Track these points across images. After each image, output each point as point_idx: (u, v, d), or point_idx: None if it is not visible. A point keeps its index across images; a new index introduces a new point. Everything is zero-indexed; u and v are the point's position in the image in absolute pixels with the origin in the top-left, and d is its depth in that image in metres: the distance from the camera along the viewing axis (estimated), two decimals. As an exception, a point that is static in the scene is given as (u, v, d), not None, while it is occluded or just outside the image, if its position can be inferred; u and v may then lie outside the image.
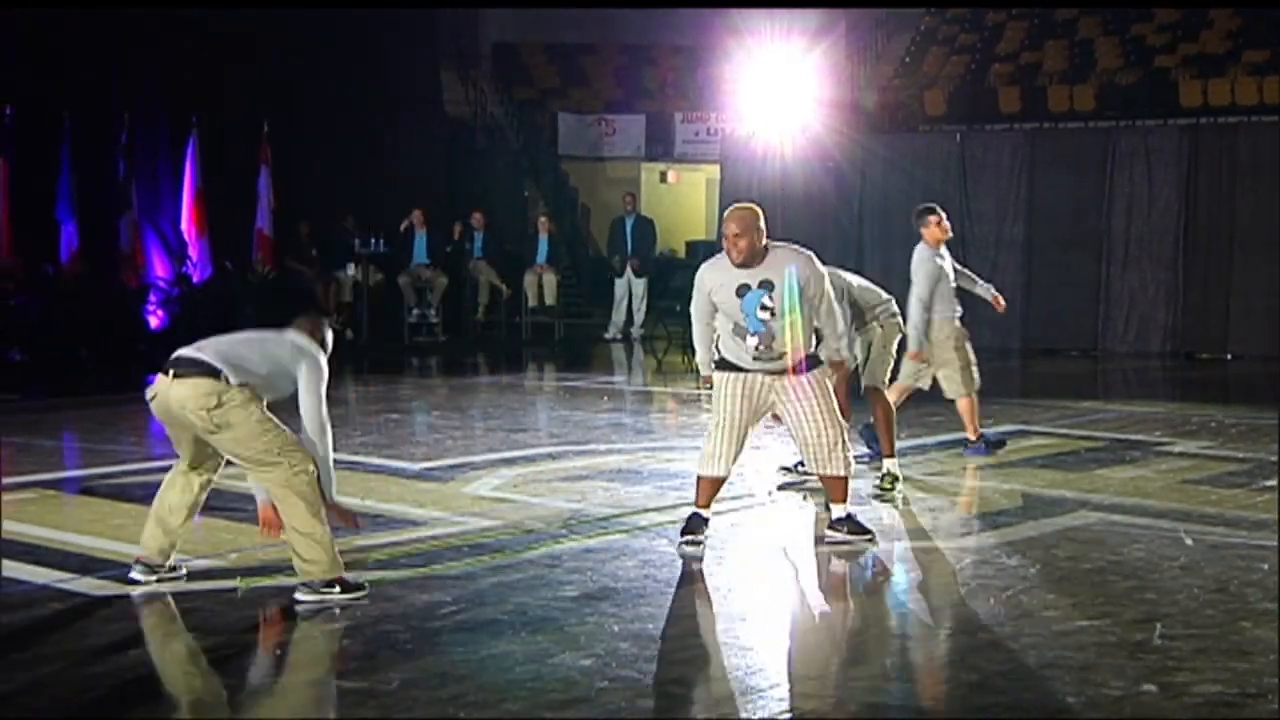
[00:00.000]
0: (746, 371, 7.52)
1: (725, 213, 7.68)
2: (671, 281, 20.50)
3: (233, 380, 6.33)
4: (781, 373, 7.51)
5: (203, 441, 6.53)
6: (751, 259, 7.44)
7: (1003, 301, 10.95)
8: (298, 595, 6.37)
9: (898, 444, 9.52)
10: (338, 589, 6.36)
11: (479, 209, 21.55)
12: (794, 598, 6.81)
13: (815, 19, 22.09)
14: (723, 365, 7.62)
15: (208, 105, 18.55)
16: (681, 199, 28.09)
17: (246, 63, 18.70)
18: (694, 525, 7.55)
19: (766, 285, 7.45)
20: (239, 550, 7.20)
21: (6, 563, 7.01)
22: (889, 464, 9.29)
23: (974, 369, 10.57)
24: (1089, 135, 20.76)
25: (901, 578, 7.14)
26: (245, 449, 6.36)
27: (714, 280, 7.56)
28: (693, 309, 7.77)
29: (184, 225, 18.94)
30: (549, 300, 21.63)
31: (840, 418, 7.70)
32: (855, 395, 9.56)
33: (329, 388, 6.54)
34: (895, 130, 23.30)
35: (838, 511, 7.69)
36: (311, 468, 6.37)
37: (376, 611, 6.28)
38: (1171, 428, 11.85)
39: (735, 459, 7.60)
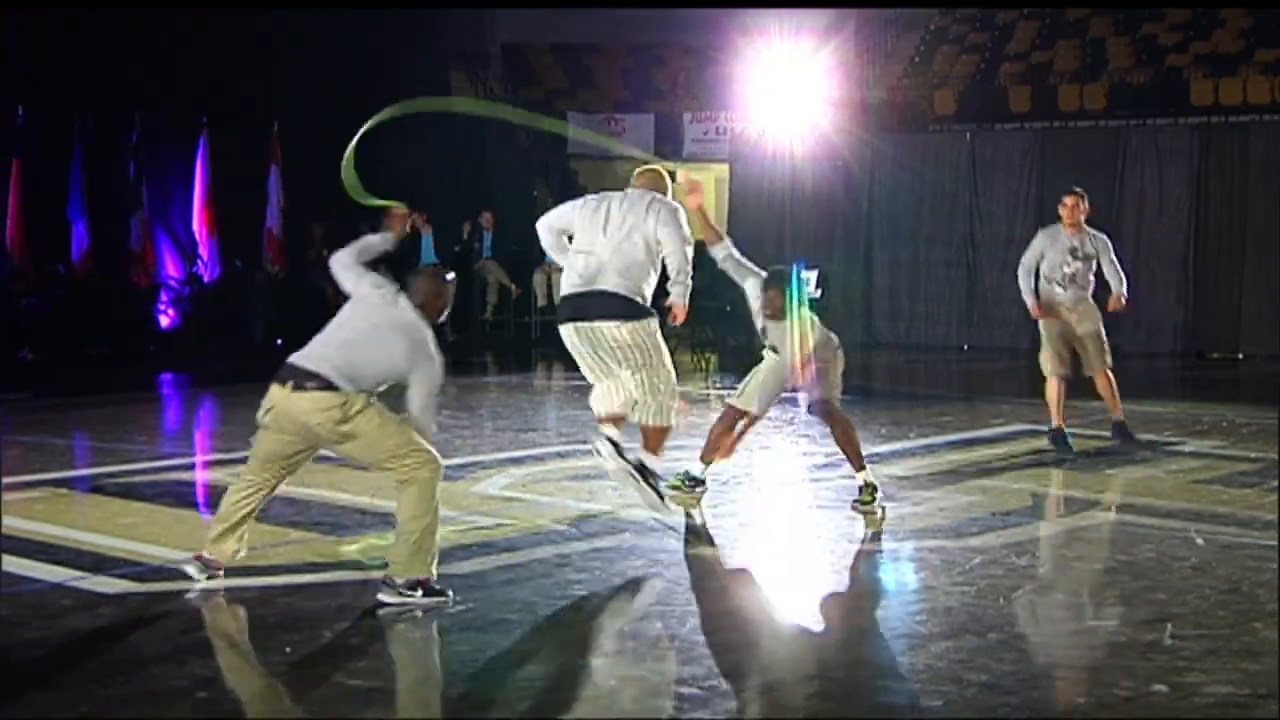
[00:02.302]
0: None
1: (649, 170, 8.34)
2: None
3: (350, 389, 6.30)
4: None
5: (300, 453, 6.52)
6: None
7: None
8: (380, 596, 6.33)
9: (911, 443, 9.48)
10: (420, 592, 6.32)
11: (488, 209, 21.55)
12: (804, 597, 6.80)
13: (824, 18, 22.07)
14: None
15: (217, 105, 18.57)
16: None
17: (256, 63, 18.71)
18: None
19: None
20: (250, 549, 7.20)
21: (20, 561, 7.03)
22: (863, 475, 8.60)
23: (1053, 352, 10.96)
24: (1100, 134, 20.72)
25: (911, 578, 7.13)
26: (372, 454, 6.36)
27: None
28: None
29: (194, 225, 18.97)
30: (558, 299, 21.59)
31: (671, 369, 7.96)
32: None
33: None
34: (905, 130, 23.26)
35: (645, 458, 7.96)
36: (435, 463, 6.38)
37: (384, 610, 6.28)
38: (1182, 427, 11.83)
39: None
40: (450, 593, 6.42)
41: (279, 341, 11.50)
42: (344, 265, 6.74)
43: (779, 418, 12.60)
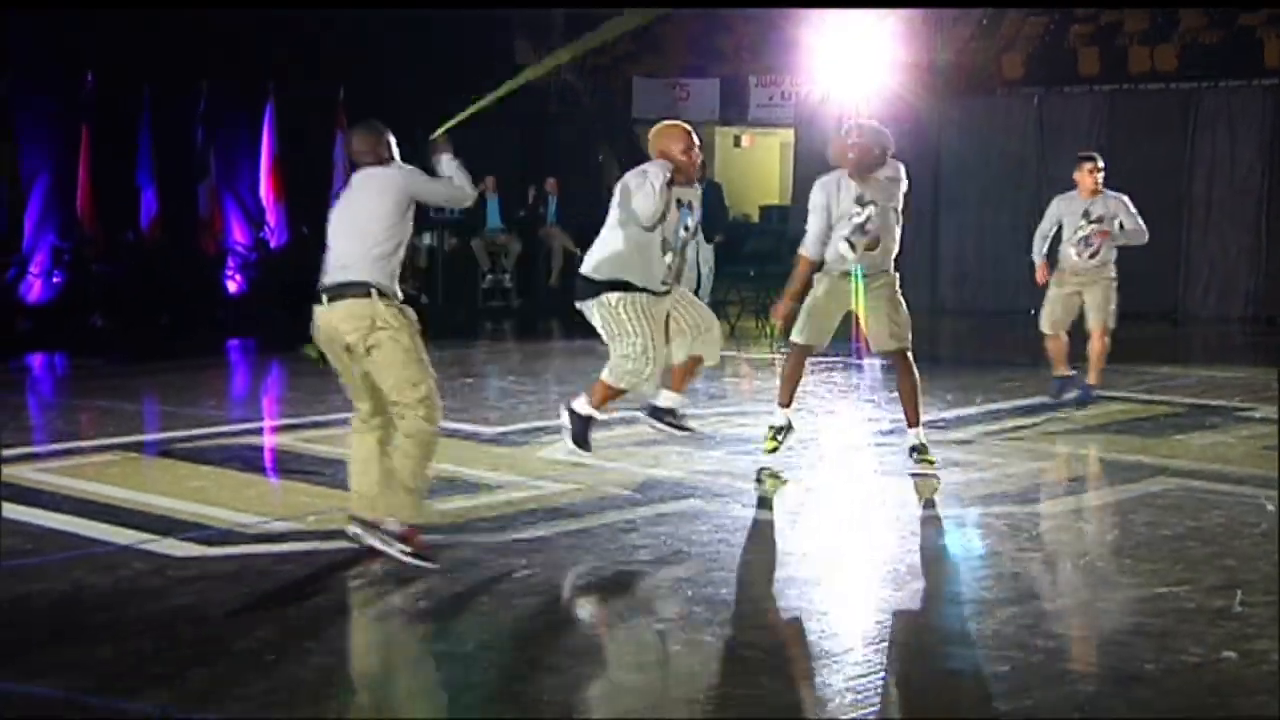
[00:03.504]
0: (651, 293, 7.55)
1: (668, 127, 7.67)
2: (745, 247, 20.42)
3: (385, 288, 6.41)
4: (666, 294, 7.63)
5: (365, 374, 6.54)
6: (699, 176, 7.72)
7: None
8: (350, 530, 6.50)
9: (977, 409, 9.42)
10: (408, 548, 6.41)
11: (553, 175, 21.58)
12: (868, 563, 6.79)
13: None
14: (622, 286, 7.52)
15: (284, 73, 18.65)
16: (755, 163, 27.95)
17: (322, 31, 18.77)
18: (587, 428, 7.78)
19: (690, 206, 7.62)
20: (318, 514, 7.26)
21: (92, 523, 7.14)
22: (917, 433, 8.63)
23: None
24: (1170, 97, 20.44)
25: (977, 543, 7.11)
26: (390, 374, 6.41)
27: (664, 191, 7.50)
28: (641, 215, 7.45)
29: (262, 191, 19.08)
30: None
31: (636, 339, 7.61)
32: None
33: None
34: (972, 93, 23.05)
35: (674, 401, 7.87)
36: (438, 411, 6.48)
37: (452, 574, 6.33)
38: (1252, 393, 11.69)
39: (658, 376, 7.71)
40: (436, 564, 6.41)
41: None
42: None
43: (844, 382, 12.58)
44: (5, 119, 16.66)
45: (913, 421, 8.55)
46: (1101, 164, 11.14)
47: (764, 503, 7.94)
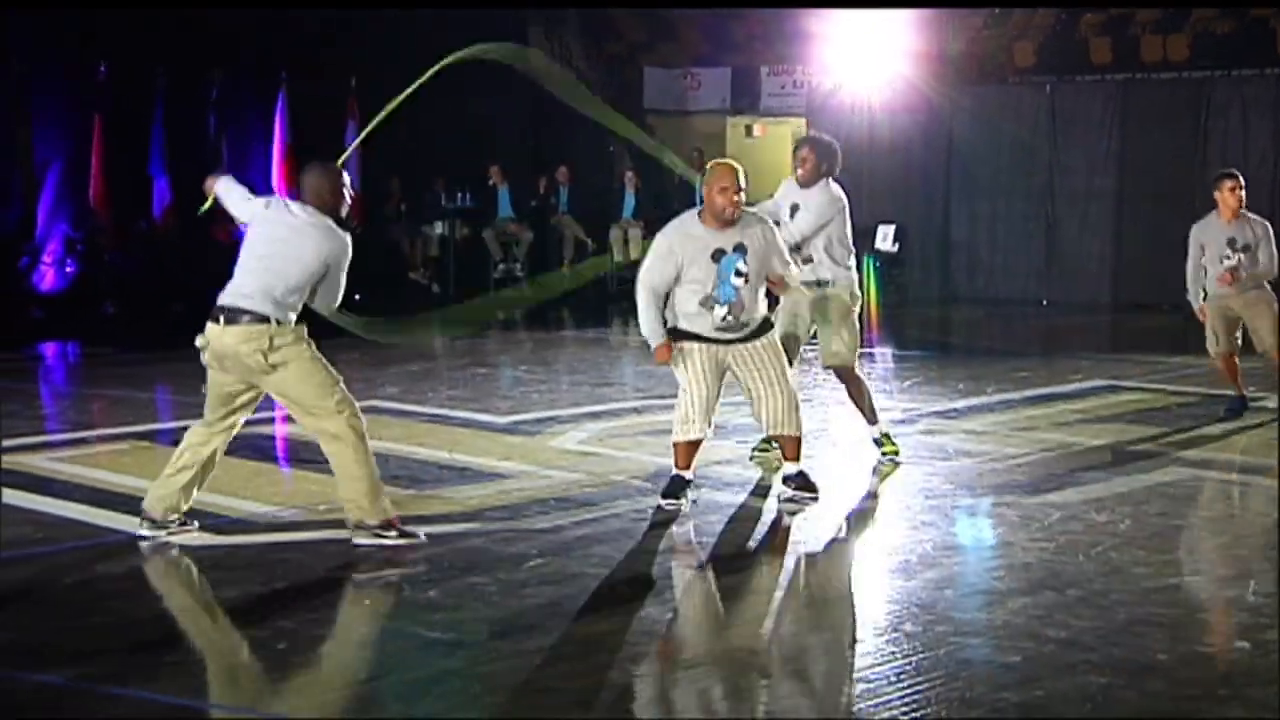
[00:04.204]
0: (707, 341, 7.26)
1: (716, 164, 7.27)
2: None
3: (282, 319, 6.46)
4: (740, 341, 7.29)
5: (240, 396, 6.61)
6: (736, 219, 7.15)
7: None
8: (355, 540, 6.51)
9: (989, 399, 9.40)
10: (394, 533, 6.49)
11: (564, 163, 21.56)
12: (880, 554, 6.78)
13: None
14: (681, 334, 7.27)
15: (296, 61, 18.66)
16: (767, 153, 27.90)
17: (335, 18, 18.77)
18: (676, 488, 7.38)
19: (741, 250, 7.17)
20: (329, 503, 7.27)
21: (104, 512, 7.15)
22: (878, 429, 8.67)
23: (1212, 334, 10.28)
24: (1182, 86, 20.38)
25: (989, 534, 7.10)
26: (301, 389, 6.48)
27: (686, 247, 7.16)
28: (652, 276, 7.21)
29: (274, 180, 19.09)
30: (634, 254, 21.61)
31: (791, 379, 7.46)
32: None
33: (418, 340, 6.59)
34: (983, 82, 23.00)
35: (791, 469, 7.58)
36: (358, 412, 6.51)
37: (463, 563, 6.34)
38: (1265, 383, 11.66)
39: (710, 421, 7.36)
40: (422, 533, 6.52)
41: (356, 296, 11.51)
42: (228, 197, 7.12)
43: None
44: (19, 108, 16.70)
45: (871, 421, 8.59)
46: (1242, 181, 10.35)
47: (774, 493, 7.94)
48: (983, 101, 20.63)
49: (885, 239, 20.10)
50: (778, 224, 7.93)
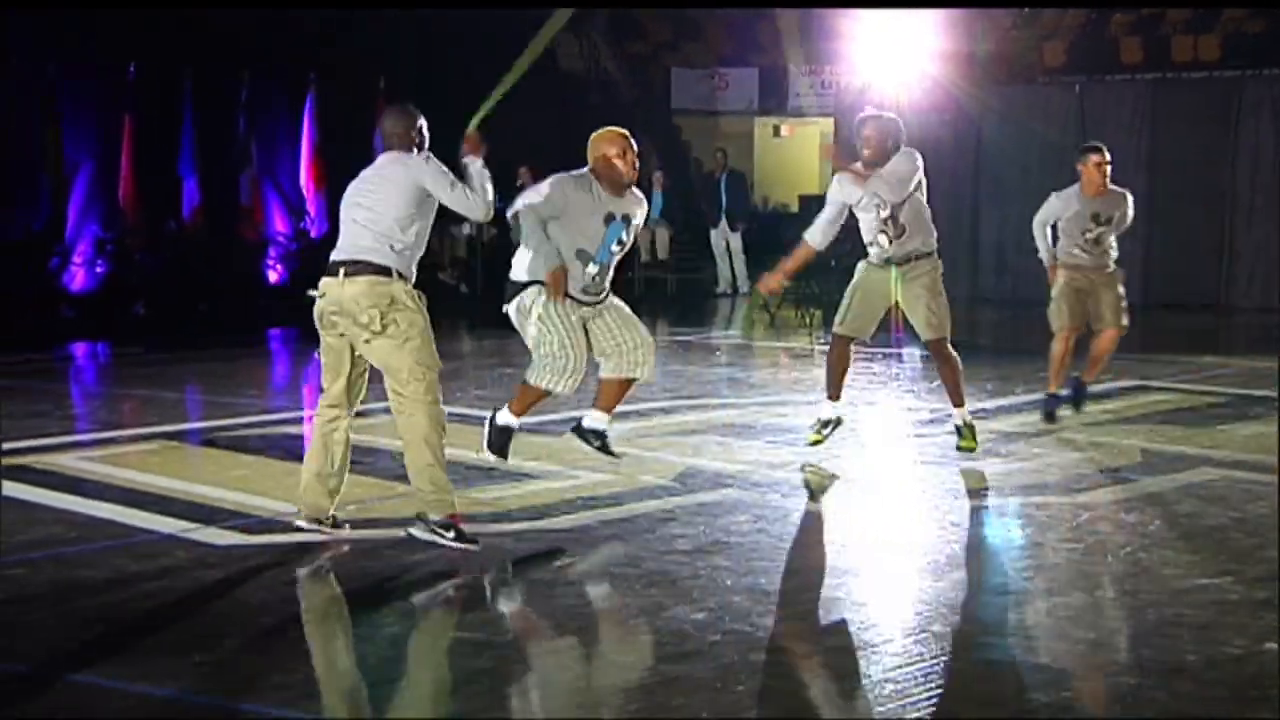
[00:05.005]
0: (571, 299, 7.19)
1: (606, 131, 7.42)
2: (785, 235, 20.36)
3: (404, 272, 6.44)
4: (594, 304, 7.29)
5: (351, 360, 6.56)
6: (628, 189, 7.30)
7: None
8: (412, 530, 6.47)
9: (1017, 399, 9.37)
10: (452, 534, 6.42)
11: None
12: (907, 553, 6.77)
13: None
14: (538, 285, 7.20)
15: (325, 61, 18.72)
16: (795, 153, 27.88)
17: (363, 19, 18.83)
18: (507, 440, 7.42)
19: (626, 221, 7.31)
20: (358, 502, 7.28)
21: (135, 512, 7.18)
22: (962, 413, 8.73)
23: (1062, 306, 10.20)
24: (1214, 86, 20.29)
25: (1017, 534, 7.08)
26: (397, 357, 6.38)
27: (579, 200, 7.22)
28: (540, 209, 7.23)
29: (302, 181, 19.16)
30: (661, 255, 21.62)
31: (644, 329, 7.45)
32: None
33: (442, 340, 6.59)
34: (1013, 82, 22.94)
35: (600, 422, 7.55)
36: (439, 399, 6.45)
37: (491, 563, 6.34)
38: (1266, 383, 11.59)
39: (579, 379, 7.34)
40: (479, 541, 6.45)
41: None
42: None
43: (884, 372, 12.55)
44: (50, 109, 16.79)
45: (957, 403, 8.68)
46: (1107, 154, 10.45)
47: (803, 493, 7.93)
48: (1012, 102, 20.58)
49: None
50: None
